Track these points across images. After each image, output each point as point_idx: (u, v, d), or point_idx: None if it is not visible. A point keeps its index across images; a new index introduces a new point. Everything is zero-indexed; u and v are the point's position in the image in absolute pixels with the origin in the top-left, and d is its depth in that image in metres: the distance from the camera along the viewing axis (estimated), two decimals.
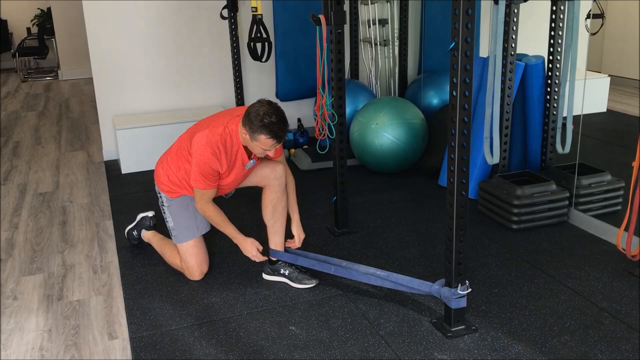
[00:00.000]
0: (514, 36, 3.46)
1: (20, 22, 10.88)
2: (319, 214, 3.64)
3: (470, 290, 2.38)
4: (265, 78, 5.09)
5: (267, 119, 2.47)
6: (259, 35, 4.42)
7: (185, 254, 2.87)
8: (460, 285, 2.35)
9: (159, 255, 3.09)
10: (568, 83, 3.31)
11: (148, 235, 3.17)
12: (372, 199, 3.88)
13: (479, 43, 4.46)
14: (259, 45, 4.50)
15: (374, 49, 5.22)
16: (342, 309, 2.62)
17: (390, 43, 5.21)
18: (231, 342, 2.41)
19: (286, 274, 2.85)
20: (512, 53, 3.49)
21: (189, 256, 2.86)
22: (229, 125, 2.63)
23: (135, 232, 3.23)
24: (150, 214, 3.23)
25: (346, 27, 4.89)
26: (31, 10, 10.78)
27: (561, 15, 3.43)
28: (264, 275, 2.92)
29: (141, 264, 3.10)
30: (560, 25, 3.45)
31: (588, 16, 3.83)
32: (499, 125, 3.39)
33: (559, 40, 3.48)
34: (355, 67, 5.10)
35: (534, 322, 2.47)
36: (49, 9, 9.85)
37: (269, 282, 2.87)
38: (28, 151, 5.36)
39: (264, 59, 4.51)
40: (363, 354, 2.31)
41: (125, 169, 4.56)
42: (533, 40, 3.86)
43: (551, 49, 3.52)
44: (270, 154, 2.64)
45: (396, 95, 5.28)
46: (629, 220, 2.80)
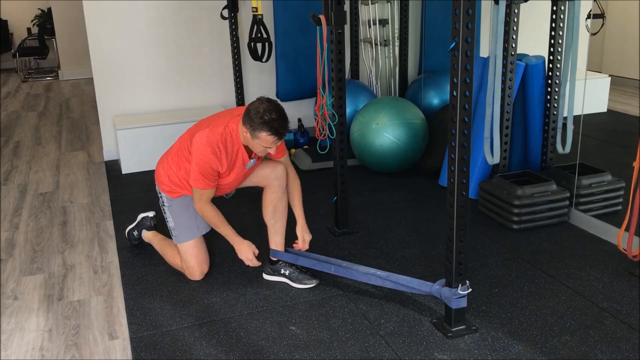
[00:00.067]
0: (515, 36, 3.46)
1: (20, 23, 10.89)
2: (319, 214, 3.64)
3: (470, 290, 2.39)
4: (266, 78, 5.09)
5: (268, 116, 2.46)
6: (259, 35, 4.41)
7: (186, 254, 2.87)
8: (460, 285, 2.35)
9: (160, 255, 3.09)
10: (568, 83, 3.31)
11: (149, 235, 3.17)
12: (373, 199, 3.88)
13: (480, 43, 4.46)
14: (259, 46, 4.50)
15: (374, 49, 5.22)
16: (343, 309, 2.62)
17: (390, 43, 5.21)
18: (231, 342, 2.41)
19: (286, 274, 2.85)
20: (513, 53, 3.49)
21: (189, 256, 2.86)
22: (229, 124, 2.63)
23: (135, 232, 3.23)
24: (150, 214, 3.23)
25: (346, 27, 4.88)
26: (31, 10, 10.79)
27: (561, 15, 3.43)
28: (264, 275, 2.92)
29: (141, 264, 3.10)
30: (561, 25, 3.45)
31: (588, 16, 3.83)
32: (499, 125, 3.38)
33: (560, 40, 3.48)
34: (355, 67, 5.10)
35: (534, 322, 2.47)
36: (49, 9, 9.85)
37: (270, 282, 2.87)
38: (28, 151, 5.36)
39: (264, 59, 4.51)
40: (363, 354, 2.30)
41: (125, 169, 4.57)
42: (533, 40, 3.86)
43: (551, 49, 3.52)
44: (272, 152, 2.62)
45: (396, 95, 5.28)
46: (629, 220, 2.80)
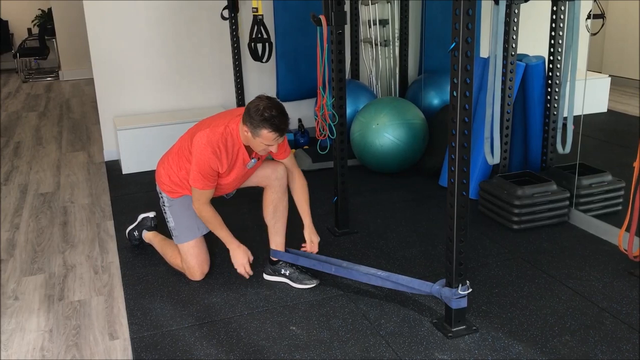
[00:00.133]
0: (515, 36, 3.46)
1: (21, 23, 10.89)
2: (319, 214, 3.64)
3: (470, 290, 2.39)
4: (266, 78, 5.10)
5: (268, 113, 2.46)
6: (259, 35, 4.41)
7: (186, 254, 2.87)
8: (460, 285, 2.36)
9: (160, 255, 3.09)
10: (568, 83, 3.31)
11: (149, 235, 3.18)
12: (373, 199, 3.88)
13: (480, 43, 4.46)
14: (259, 46, 4.50)
15: (374, 49, 5.22)
16: (343, 309, 2.62)
17: (390, 43, 5.21)
18: (232, 342, 2.41)
19: (287, 274, 2.85)
20: (513, 53, 3.49)
21: (189, 256, 2.86)
22: (229, 124, 2.63)
23: (136, 233, 3.23)
24: (151, 214, 3.23)
25: (347, 28, 4.88)
26: (32, 10, 10.79)
27: (562, 16, 3.43)
28: (264, 275, 2.92)
29: (142, 264, 3.10)
30: (561, 25, 3.45)
31: (588, 16, 3.83)
32: (500, 125, 3.38)
33: (560, 41, 3.48)
34: (355, 68, 5.10)
35: (534, 322, 2.48)
36: (49, 10, 9.85)
37: (270, 283, 2.88)
38: (29, 152, 5.36)
39: (264, 60, 4.51)
40: (364, 354, 2.31)
41: (126, 170, 4.57)
42: (533, 40, 3.86)
43: (552, 49, 3.52)
44: (273, 150, 2.60)
45: (397, 95, 5.28)
46: (630, 220, 2.80)
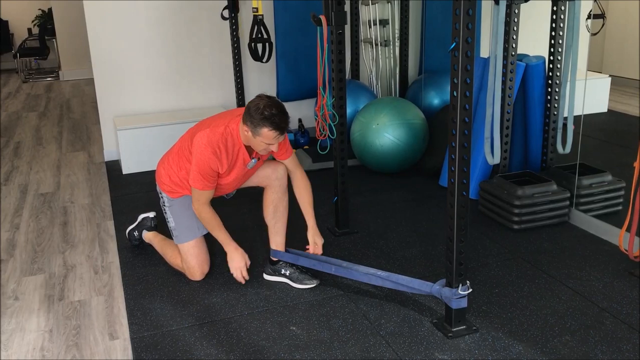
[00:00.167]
0: (515, 36, 3.46)
1: (21, 23, 10.89)
2: (319, 214, 3.62)
3: (471, 290, 2.39)
4: (266, 78, 5.10)
5: (268, 111, 2.46)
6: (259, 35, 4.41)
7: (186, 254, 2.87)
8: (461, 285, 2.35)
9: (160, 255, 3.09)
10: (569, 83, 3.31)
11: (149, 235, 3.18)
12: (373, 199, 3.88)
13: (480, 43, 4.46)
14: (259, 46, 4.50)
15: (374, 50, 5.22)
16: (343, 309, 2.62)
17: (391, 43, 5.21)
18: (232, 343, 2.41)
19: (287, 274, 2.85)
20: (513, 53, 3.49)
21: (190, 256, 2.86)
22: (229, 124, 2.63)
23: (136, 233, 3.23)
24: (151, 214, 3.23)
25: (347, 28, 4.89)
26: (32, 10, 10.79)
27: (562, 16, 3.43)
28: (264, 275, 2.92)
29: (142, 264, 3.10)
30: (561, 25, 3.45)
31: (589, 16, 3.83)
32: (500, 125, 3.38)
33: (560, 41, 3.48)
34: (356, 68, 5.10)
35: (534, 322, 2.48)
36: (49, 10, 9.86)
37: (270, 283, 2.87)
38: (29, 152, 5.36)
39: (264, 60, 4.51)
40: (364, 354, 2.31)
41: (126, 170, 4.57)
42: (534, 40, 3.86)
43: (552, 49, 3.52)
44: (274, 149, 2.59)
45: (397, 95, 5.28)
46: (630, 221, 2.80)
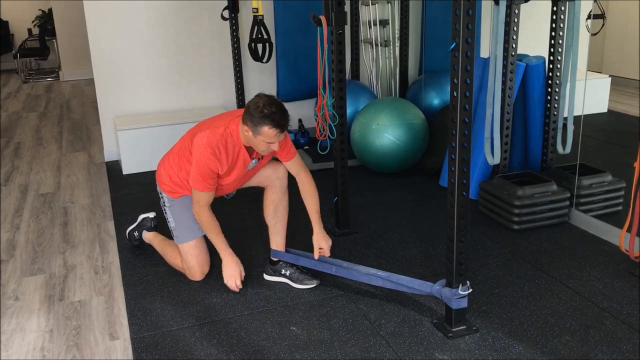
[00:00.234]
0: (515, 37, 3.46)
1: (21, 23, 10.90)
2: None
3: (471, 290, 2.39)
4: (266, 79, 5.10)
5: (268, 110, 2.46)
6: (259, 36, 4.41)
7: (187, 255, 2.87)
8: (461, 285, 2.36)
9: (160, 256, 3.09)
10: (569, 83, 3.31)
11: (149, 236, 3.18)
12: (373, 200, 3.88)
13: (480, 44, 4.46)
14: (259, 46, 4.50)
15: (374, 50, 5.22)
16: (343, 309, 2.62)
17: (391, 44, 5.21)
18: (232, 343, 2.41)
19: (287, 275, 2.85)
20: (513, 54, 3.49)
21: (190, 257, 2.87)
22: (230, 125, 2.63)
23: (136, 233, 3.23)
24: (151, 215, 3.24)
25: (347, 28, 4.89)
26: (32, 11, 10.80)
27: (562, 16, 3.43)
28: (265, 275, 2.92)
29: (142, 264, 3.10)
30: (561, 25, 3.45)
31: (589, 16, 3.83)
32: (500, 125, 3.38)
33: (560, 41, 3.48)
34: (356, 68, 5.10)
35: (534, 323, 2.48)
36: (50, 10, 9.86)
37: (270, 283, 2.88)
38: (29, 152, 5.36)
39: (264, 60, 4.51)
40: (364, 355, 2.31)
41: (126, 170, 4.57)
42: (534, 40, 3.86)
43: (552, 49, 3.52)
44: (275, 148, 2.58)
45: (397, 95, 5.28)
46: (630, 221, 2.80)
